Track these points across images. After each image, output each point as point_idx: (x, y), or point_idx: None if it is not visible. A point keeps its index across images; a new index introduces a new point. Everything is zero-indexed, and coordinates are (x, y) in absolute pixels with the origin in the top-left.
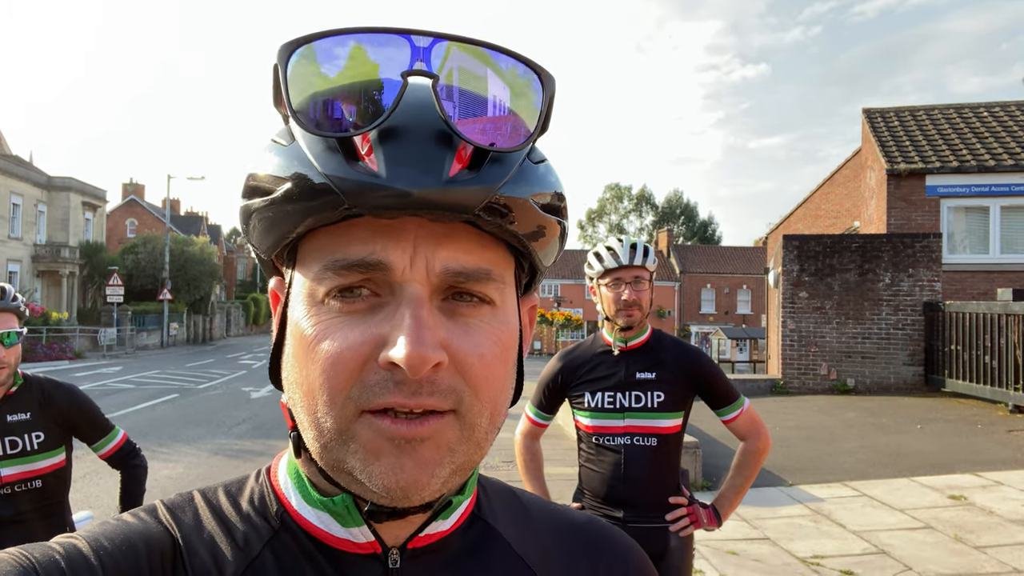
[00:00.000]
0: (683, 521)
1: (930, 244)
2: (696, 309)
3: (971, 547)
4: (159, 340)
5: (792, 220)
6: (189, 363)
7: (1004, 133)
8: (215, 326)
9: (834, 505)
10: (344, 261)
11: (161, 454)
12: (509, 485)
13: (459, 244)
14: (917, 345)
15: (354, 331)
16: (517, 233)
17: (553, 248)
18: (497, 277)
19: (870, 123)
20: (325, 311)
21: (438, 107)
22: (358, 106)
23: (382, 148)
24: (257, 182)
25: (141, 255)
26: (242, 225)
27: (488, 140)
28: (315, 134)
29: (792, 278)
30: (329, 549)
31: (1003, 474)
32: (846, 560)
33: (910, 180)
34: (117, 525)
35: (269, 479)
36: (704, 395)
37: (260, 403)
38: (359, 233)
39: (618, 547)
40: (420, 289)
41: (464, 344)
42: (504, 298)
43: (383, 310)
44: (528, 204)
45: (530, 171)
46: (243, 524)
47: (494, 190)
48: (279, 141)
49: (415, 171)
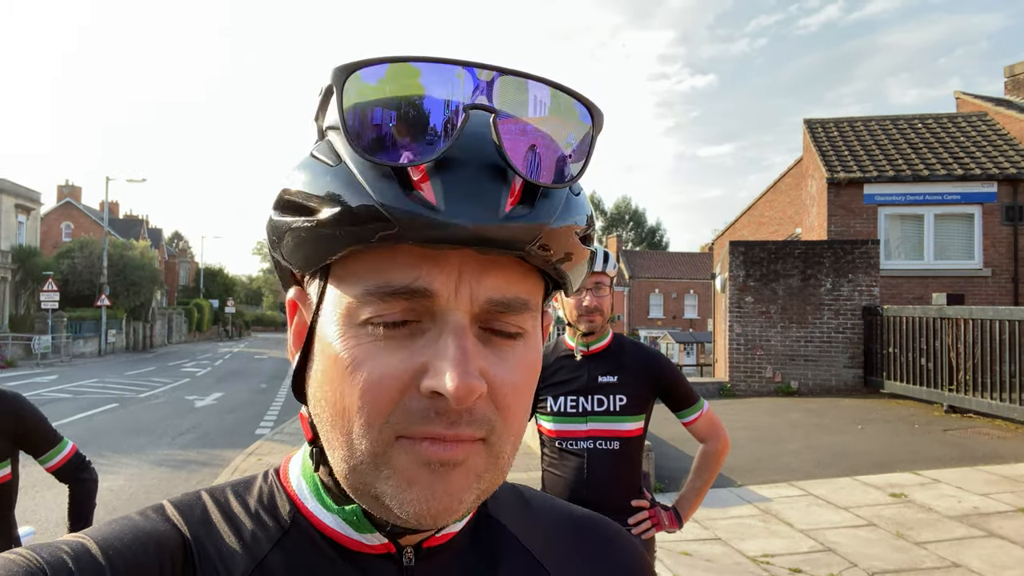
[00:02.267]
0: (645, 523)
1: (868, 250)
2: (645, 314)
3: (912, 543)
4: (97, 348)
5: (737, 227)
6: (129, 371)
7: (937, 144)
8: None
9: (781, 505)
10: (388, 287)
11: (101, 466)
12: (512, 482)
13: (503, 275)
14: (857, 348)
15: (395, 357)
16: (557, 265)
17: (581, 271)
18: (533, 307)
19: (811, 133)
20: (365, 335)
21: (497, 142)
22: (413, 134)
23: (439, 178)
24: (294, 198)
25: (78, 259)
26: (271, 238)
27: (538, 175)
28: (370, 161)
29: (738, 283)
30: (342, 548)
31: (940, 472)
32: (794, 558)
33: (849, 189)
34: (125, 524)
35: (279, 480)
36: (665, 398)
37: (205, 412)
38: (402, 258)
39: (615, 540)
40: (463, 318)
41: (499, 373)
42: (535, 325)
43: (424, 336)
44: (571, 236)
45: (572, 203)
46: (253, 523)
47: (547, 227)
48: (322, 159)
49: (473, 206)
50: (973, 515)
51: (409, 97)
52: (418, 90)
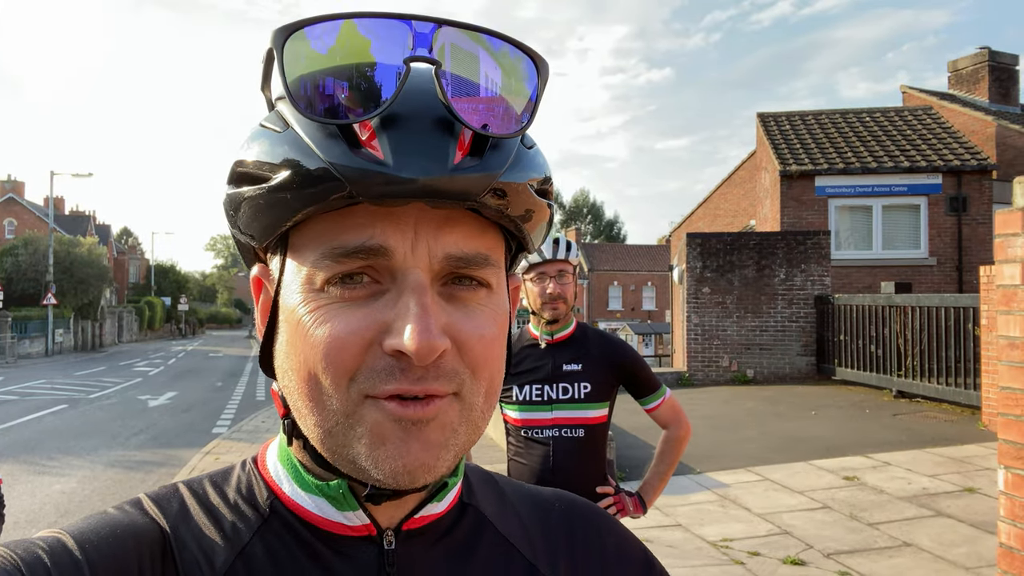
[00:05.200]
0: (611, 510)
1: (820, 241)
2: (604, 306)
3: (865, 524)
4: (44, 348)
5: (694, 219)
6: (78, 371)
7: (885, 137)
8: (106, 332)
9: (739, 490)
10: (343, 248)
11: (52, 468)
12: (485, 470)
13: (460, 229)
14: (809, 336)
15: (355, 315)
16: (514, 217)
17: (542, 230)
18: (494, 261)
19: (764, 127)
20: (324, 297)
21: (440, 93)
22: (357, 92)
23: (385, 134)
24: (247, 169)
25: (22, 257)
26: (228, 212)
27: (484, 125)
28: (315, 120)
29: (695, 274)
30: (323, 532)
31: (890, 455)
32: (753, 542)
33: (801, 181)
34: (102, 518)
35: (257, 468)
36: (628, 385)
37: (158, 412)
38: (357, 219)
39: (588, 514)
40: (422, 276)
41: (465, 327)
42: (499, 281)
43: (384, 296)
44: (525, 188)
45: (525, 156)
46: (232, 513)
47: (496, 176)
48: (271, 127)
49: (421, 159)
50: (922, 496)
51: (350, 54)
52: (358, 47)
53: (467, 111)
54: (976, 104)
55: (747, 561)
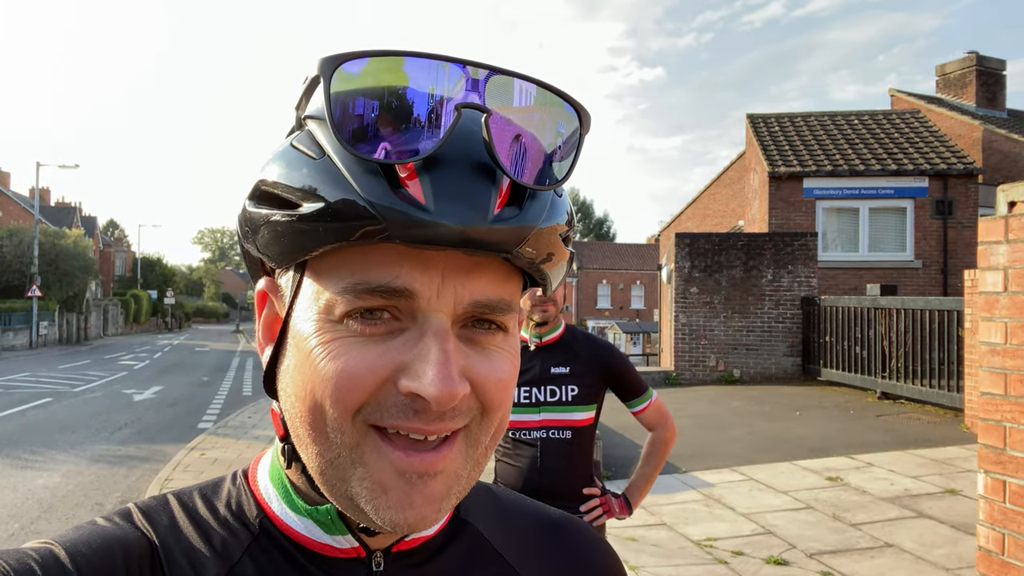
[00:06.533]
0: (597, 511)
1: (807, 242)
2: (593, 304)
3: (848, 524)
4: (28, 340)
5: (683, 219)
6: (63, 365)
7: (873, 140)
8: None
9: (724, 490)
10: (366, 285)
11: (35, 463)
12: (484, 482)
13: (487, 276)
14: (796, 337)
15: (372, 352)
16: (539, 264)
17: (561, 270)
18: (515, 307)
19: (753, 128)
20: (342, 330)
21: (488, 142)
22: (403, 131)
23: (428, 176)
24: (274, 190)
25: (6, 248)
26: (244, 228)
27: (527, 176)
28: (358, 156)
29: (684, 274)
30: (312, 553)
31: (874, 456)
32: (737, 541)
33: (789, 182)
34: (93, 530)
35: (247, 483)
36: (615, 388)
37: (144, 406)
38: (384, 256)
39: (590, 544)
40: (445, 320)
41: (483, 370)
42: (515, 323)
43: (403, 335)
44: (555, 236)
45: (557, 204)
46: (221, 529)
47: (534, 229)
48: (304, 150)
49: (462, 206)
50: (904, 497)
51: (397, 92)
52: (406, 84)
53: (510, 160)
54: (963, 108)
55: (731, 561)
